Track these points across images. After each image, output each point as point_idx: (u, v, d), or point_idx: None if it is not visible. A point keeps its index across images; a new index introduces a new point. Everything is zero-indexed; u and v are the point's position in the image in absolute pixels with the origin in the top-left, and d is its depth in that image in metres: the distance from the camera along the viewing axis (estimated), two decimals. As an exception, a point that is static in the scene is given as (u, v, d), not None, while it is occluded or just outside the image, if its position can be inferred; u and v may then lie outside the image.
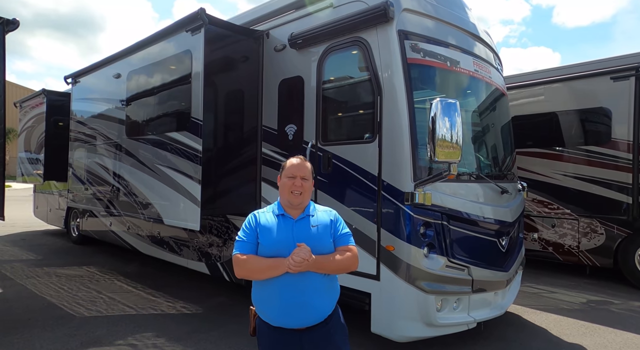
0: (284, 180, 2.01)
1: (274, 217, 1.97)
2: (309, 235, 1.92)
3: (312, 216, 1.99)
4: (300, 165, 2.02)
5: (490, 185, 3.91)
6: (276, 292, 1.87)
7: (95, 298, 5.04)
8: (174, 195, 4.55)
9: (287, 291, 1.85)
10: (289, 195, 1.97)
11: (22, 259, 7.21)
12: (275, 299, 1.88)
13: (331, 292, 1.99)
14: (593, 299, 5.38)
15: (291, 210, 1.98)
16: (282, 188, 2.00)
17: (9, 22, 4.37)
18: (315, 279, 1.89)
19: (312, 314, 1.89)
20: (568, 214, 6.37)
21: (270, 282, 1.88)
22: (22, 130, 9.48)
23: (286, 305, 1.86)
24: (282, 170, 2.06)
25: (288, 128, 4.19)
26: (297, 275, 1.83)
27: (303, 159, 2.07)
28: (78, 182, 6.95)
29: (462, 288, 3.50)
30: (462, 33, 3.98)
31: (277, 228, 1.93)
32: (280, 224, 1.95)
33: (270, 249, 1.89)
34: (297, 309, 1.86)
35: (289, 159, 2.07)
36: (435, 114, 2.93)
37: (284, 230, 1.93)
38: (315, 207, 2.07)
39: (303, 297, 1.86)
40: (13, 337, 3.81)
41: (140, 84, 5.51)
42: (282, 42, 4.28)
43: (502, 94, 4.55)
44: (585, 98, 6.27)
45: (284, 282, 1.85)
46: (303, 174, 1.99)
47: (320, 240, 1.93)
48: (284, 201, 2.01)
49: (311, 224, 1.96)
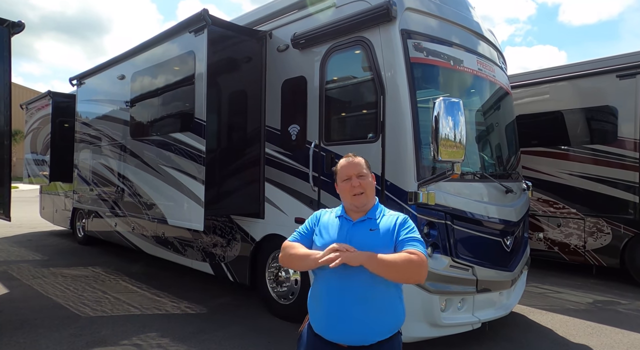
0: (341, 186, 1.84)
1: (334, 218, 1.84)
2: (363, 239, 1.72)
3: (373, 219, 1.79)
4: (352, 163, 1.83)
5: (495, 184, 3.88)
6: (322, 296, 1.71)
7: (101, 298, 5.07)
8: (178, 195, 4.57)
9: (332, 297, 1.67)
10: (352, 199, 1.79)
11: (28, 259, 7.27)
12: (318, 303, 1.73)
13: (385, 313, 1.69)
14: (600, 299, 5.33)
15: (353, 213, 1.83)
16: (342, 193, 1.84)
17: (15, 25, 4.42)
18: (362, 292, 1.64)
19: (354, 330, 1.63)
20: (574, 213, 6.31)
21: (319, 283, 1.75)
22: (29, 132, 9.57)
23: (327, 312, 1.68)
24: (335, 175, 1.89)
25: (291, 128, 4.19)
26: (345, 281, 1.64)
27: (353, 155, 1.88)
28: (83, 183, 7.00)
29: (467, 288, 3.48)
30: (466, 32, 3.96)
31: (333, 229, 1.79)
32: (338, 226, 1.80)
33: (321, 249, 1.72)
34: (338, 319, 1.65)
35: (339, 162, 1.89)
36: (438, 113, 2.92)
37: (340, 232, 1.77)
38: (383, 211, 1.85)
39: (346, 307, 1.63)
40: (20, 336, 3.84)
41: (144, 85, 5.54)
42: (285, 42, 4.28)
43: (506, 92, 4.53)
44: (591, 96, 6.21)
45: (331, 286, 1.68)
46: (358, 172, 1.81)
47: (376, 246, 1.68)
48: (347, 205, 1.85)
49: (370, 227, 1.76)
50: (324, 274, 1.72)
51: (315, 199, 3.89)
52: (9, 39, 4.39)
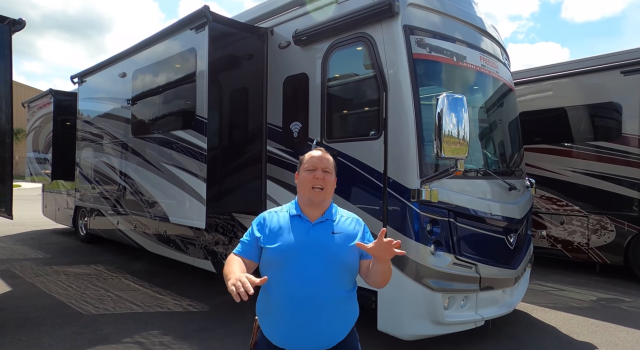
0: (303, 175, 1.74)
1: (288, 218, 1.71)
2: (327, 243, 1.65)
3: (334, 221, 1.72)
4: (322, 157, 1.75)
5: (498, 181, 3.86)
6: (281, 306, 1.60)
7: (103, 296, 5.08)
8: (180, 193, 4.56)
9: (294, 306, 1.58)
10: (310, 192, 1.70)
11: (31, 257, 7.29)
12: (279, 314, 1.61)
13: (347, 315, 1.70)
14: (603, 297, 5.30)
15: (310, 211, 1.72)
16: (302, 184, 1.74)
17: (15, 22, 4.40)
18: (326, 297, 1.60)
19: (319, 337, 1.61)
20: (577, 210, 6.28)
21: (276, 292, 1.62)
22: (30, 130, 9.58)
23: (290, 323, 1.59)
24: (300, 165, 1.79)
25: (293, 125, 4.17)
26: (308, 289, 1.58)
27: (324, 151, 1.81)
28: (85, 181, 7.01)
29: (470, 286, 3.47)
30: (469, 28, 3.93)
31: (290, 231, 1.66)
32: (295, 227, 1.68)
33: (280, 254, 1.63)
34: (304, 330, 1.59)
35: (308, 152, 1.80)
36: (441, 110, 2.90)
37: (299, 234, 1.66)
38: (338, 211, 1.79)
39: (311, 316, 1.58)
40: (22, 334, 3.85)
41: (145, 82, 5.52)
42: (287, 39, 4.26)
43: (509, 89, 4.49)
44: (594, 93, 6.17)
45: (292, 295, 1.59)
46: (325, 166, 1.73)
47: (341, 251, 1.65)
48: (303, 199, 1.74)
49: (331, 229, 1.69)
50: (287, 280, 1.60)
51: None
52: (10, 37, 4.38)
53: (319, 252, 1.63)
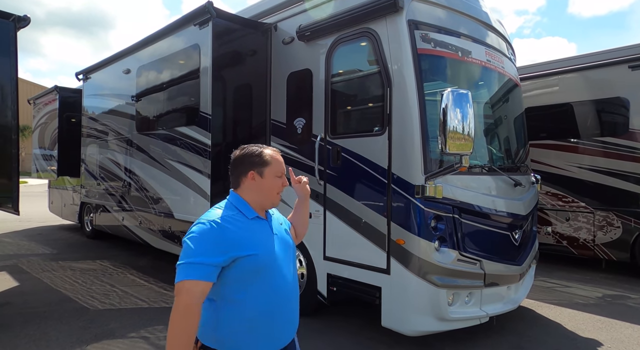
0: (271, 181, 1.58)
1: (248, 222, 1.53)
2: (283, 235, 1.64)
3: (270, 213, 1.68)
4: (281, 159, 1.65)
5: (503, 177, 3.83)
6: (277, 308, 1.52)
7: (109, 291, 5.12)
8: (184, 189, 4.58)
9: (284, 306, 1.54)
10: (275, 197, 1.61)
11: (38, 253, 7.36)
12: (274, 318, 1.51)
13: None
14: (609, 294, 5.27)
15: (262, 211, 1.61)
16: (270, 190, 1.58)
17: (20, 19, 4.42)
18: (296, 285, 1.66)
19: (296, 324, 1.64)
20: (583, 207, 6.23)
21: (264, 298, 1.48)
22: (36, 127, 9.64)
23: (287, 319, 1.56)
24: (262, 166, 1.57)
25: (297, 122, 4.16)
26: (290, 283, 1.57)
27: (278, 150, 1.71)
28: (91, 177, 7.05)
29: (474, 282, 3.46)
30: (474, 22, 3.89)
31: (261, 234, 1.54)
32: (259, 229, 1.55)
33: (265, 260, 1.49)
34: (289, 322, 1.58)
35: (269, 152, 1.61)
36: (446, 105, 2.88)
37: (267, 235, 1.57)
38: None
39: (294, 307, 1.60)
40: (30, 329, 3.89)
41: (149, 79, 5.53)
42: (290, 35, 4.24)
43: (515, 84, 4.45)
44: (601, 88, 6.10)
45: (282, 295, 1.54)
46: (285, 169, 1.66)
47: (290, 237, 1.70)
48: (262, 203, 1.59)
49: (278, 221, 1.68)
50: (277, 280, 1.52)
51: (321, 193, 3.87)
52: (15, 34, 4.40)
53: (284, 247, 1.62)
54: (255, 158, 1.58)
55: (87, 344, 3.59)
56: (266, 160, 1.58)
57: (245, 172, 1.58)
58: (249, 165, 1.58)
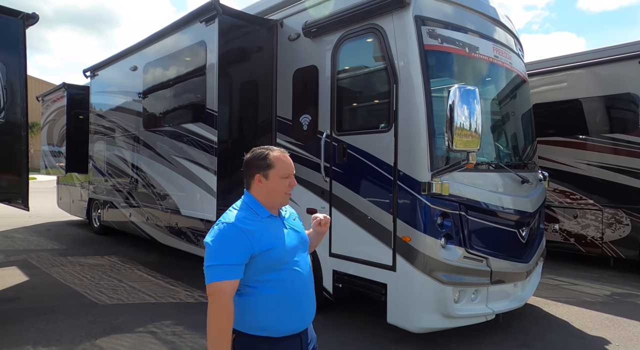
0: (279, 182, 1.65)
1: (263, 221, 1.64)
2: (299, 230, 1.76)
3: (283, 210, 1.78)
4: (290, 160, 1.71)
5: (510, 174, 3.81)
6: (291, 295, 1.64)
7: (117, 287, 5.18)
8: (191, 186, 4.61)
9: (303, 293, 1.68)
10: (283, 197, 1.68)
11: (47, 248, 7.46)
12: (288, 303, 1.63)
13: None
14: (617, 292, 5.23)
15: (274, 210, 1.71)
16: (277, 190, 1.65)
17: (29, 17, 4.45)
18: (312, 275, 1.79)
19: (314, 309, 1.76)
20: (591, 204, 6.17)
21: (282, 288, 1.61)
22: (45, 124, 9.74)
23: (301, 307, 1.67)
24: (267, 169, 1.65)
25: (303, 118, 4.16)
26: (307, 274, 1.70)
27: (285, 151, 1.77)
28: (98, 174, 7.12)
29: (481, 279, 3.44)
30: (482, 18, 3.85)
31: (276, 230, 1.65)
32: (275, 226, 1.67)
33: (282, 254, 1.62)
34: (311, 305, 1.72)
35: (275, 154, 1.67)
36: (453, 102, 2.86)
37: (282, 231, 1.68)
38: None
39: (311, 295, 1.73)
40: (40, 323, 3.96)
41: (156, 76, 5.56)
42: (296, 31, 4.23)
43: (523, 80, 4.41)
44: (611, 84, 6.01)
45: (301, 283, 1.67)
46: (293, 171, 1.72)
47: (304, 232, 1.82)
48: (273, 203, 1.68)
49: (292, 218, 1.79)
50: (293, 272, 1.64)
51: (326, 190, 3.87)
52: (24, 31, 4.44)
53: (300, 241, 1.74)
54: (261, 161, 1.66)
55: (96, 338, 3.64)
56: (270, 163, 1.65)
57: (252, 175, 1.68)
58: (255, 169, 1.67)
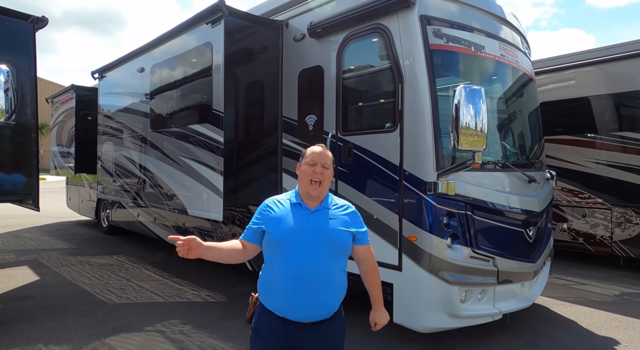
0: (304, 168, 1.91)
1: (289, 206, 1.90)
2: (324, 227, 1.85)
3: (329, 209, 1.92)
4: (322, 153, 1.92)
5: (517, 174, 3.79)
6: (286, 280, 1.81)
7: (125, 286, 5.24)
8: (197, 186, 4.64)
9: (300, 281, 1.79)
10: (308, 186, 1.88)
11: (57, 248, 7.57)
12: (283, 289, 1.82)
13: (341, 289, 1.92)
14: (627, 292, 5.17)
15: (309, 201, 1.90)
16: (302, 176, 1.91)
17: (39, 20, 4.51)
18: (326, 273, 1.83)
19: (319, 308, 1.83)
20: (600, 203, 6.11)
21: (281, 268, 1.82)
22: (54, 125, 9.86)
23: (294, 296, 1.80)
24: (302, 158, 1.97)
25: (308, 118, 4.17)
26: (308, 266, 1.79)
27: (324, 147, 1.97)
28: (107, 174, 7.19)
29: (487, 279, 3.43)
30: (488, 16, 3.83)
31: (292, 217, 1.85)
32: (296, 213, 1.87)
33: (283, 237, 1.82)
34: (305, 301, 1.80)
35: (311, 147, 1.96)
36: (459, 101, 2.85)
37: (299, 220, 1.85)
38: (333, 200, 1.98)
39: (312, 290, 1.79)
40: (51, 321, 4.02)
41: (163, 77, 5.60)
42: (302, 32, 4.24)
43: (529, 79, 4.38)
44: (620, 81, 5.95)
45: (298, 271, 1.79)
46: (324, 162, 1.90)
47: (336, 234, 1.87)
48: (302, 191, 1.92)
49: (329, 216, 1.89)
50: (290, 259, 1.80)
51: (332, 190, 3.88)
52: (34, 35, 4.50)
53: (317, 235, 1.83)
54: (302, 155, 2.00)
55: (105, 337, 3.70)
56: (304, 153, 1.98)
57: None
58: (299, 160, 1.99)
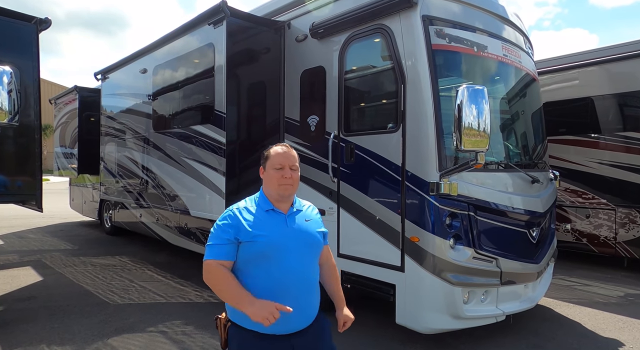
0: (271, 173, 1.76)
1: (262, 213, 1.74)
2: (305, 231, 1.77)
3: (301, 210, 1.83)
4: (287, 154, 1.78)
5: (520, 174, 3.77)
6: (276, 294, 1.63)
7: (128, 287, 5.25)
8: (200, 187, 4.65)
9: (288, 293, 1.65)
10: (279, 188, 1.74)
11: (60, 248, 7.59)
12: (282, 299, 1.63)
13: (319, 290, 1.84)
14: (631, 293, 5.13)
15: (280, 204, 1.78)
16: (270, 181, 1.77)
17: (42, 22, 4.53)
18: (312, 278, 1.76)
19: (309, 316, 1.74)
20: (604, 203, 6.08)
21: (267, 283, 1.65)
22: (57, 126, 9.90)
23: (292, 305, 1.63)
24: (265, 161, 1.80)
25: (310, 119, 4.17)
26: (298, 274, 1.68)
27: (288, 146, 1.84)
28: (109, 175, 7.21)
29: (490, 280, 3.42)
30: (490, 16, 3.82)
31: (270, 224, 1.72)
32: (272, 220, 1.73)
33: (266, 248, 1.67)
34: (300, 312, 1.67)
35: (272, 148, 1.82)
36: (461, 102, 2.84)
37: (278, 226, 1.73)
38: (300, 200, 1.89)
39: (302, 298, 1.69)
40: (54, 322, 4.03)
41: (165, 78, 5.62)
42: (304, 32, 4.24)
43: (532, 79, 4.36)
44: (624, 81, 5.92)
45: (288, 283, 1.66)
46: (292, 164, 1.77)
47: (317, 236, 1.81)
48: (272, 194, 1.77)
49: (304, 218, 1.81)
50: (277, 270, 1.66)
51: (334, 190, 3.88)
52: (37, 36, 4.52)
53: (299, 240, 1.75)
54: (263, 156, 1.85)
55: (108, 337, 3.70)
56: (267, 155, 1.82)
57: (259, 168, 1.87)
58: (260, 163, 1.86)
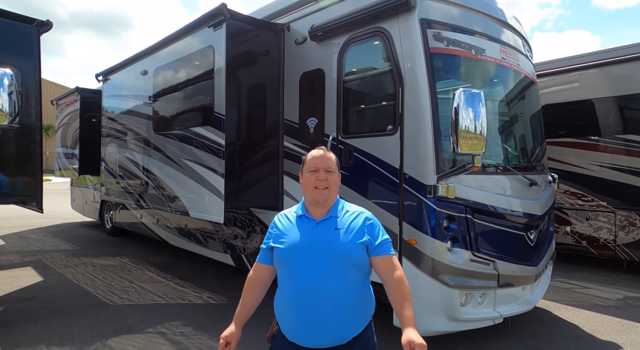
0: (306, 176, 1.76)
1: (294, 219, 1.76)
2: (330, 239, 1.66)
3: (338, 217, 1.73)
4: (323, 156, 1.77)
5: (518, 177, 3.78)
6: (292, 305, 1.64)
7: (128, 287, 5.26)
8: (199, 188, 4.66)
9: (304, 305, 1.62)
10: (313, 192, 1.72)
11: (61, 249, 7.62)
12: (290, 312, 1.66)
13: (360, 311, 1.69)
14: (630, 296, 5.13)
15: (315, 210, 1.74)
16: (305, 184, 1.76)
17: (43, 24, 4.56)
18: (335, 293, 1.61)
19: (330, 333, 1.62)
20: (604, 206, 6.07)
21: (287, 291, 1.67)
22: (59, 127, 9.94)
23: (300, 320, 1.63)
24: (303, 165, 1.81)
25: (309, 121, 4.18)
26: (314, 287, 1.61)
27: (325, 149, 1.81)
28: (110, 176, 7.24)
29: (488, 283, 3.42)
30: (489, 19, 3.83)
31: (296, 231, 1.71)
32: (300, 226, 1.71)
33: (285, 255, 1.68)
34: (313, 326, 1.62)
35: (311, 152, 1.83)
36: (458, 105, 2.85)
37: (303, 234, 1.69)
38: (345, 207, 1.79)
39: (319, 313, 1.61)
40: (54, 322, 4.05)
41: (166, 79, 5.64)
42: (303, 35, 4.26)
43: (531, 82, 4.37)
44: (624, 84, 5.92)
45: (301, 294, 1.62)
46: (327, 166, 1.75)
47: (345, 246, 1.65)
48: (308, 199, 1.77)
49: (334, 226, 1.70)
50: (293, 279, 1.65)
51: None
52: (39, 38, 4.55)
53: (323, 250, 1.64)
54: (302, 162, 1.85)
55: (107, 338, 3.72)
56: (304, 159, 1.85)
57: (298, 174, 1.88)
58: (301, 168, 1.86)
